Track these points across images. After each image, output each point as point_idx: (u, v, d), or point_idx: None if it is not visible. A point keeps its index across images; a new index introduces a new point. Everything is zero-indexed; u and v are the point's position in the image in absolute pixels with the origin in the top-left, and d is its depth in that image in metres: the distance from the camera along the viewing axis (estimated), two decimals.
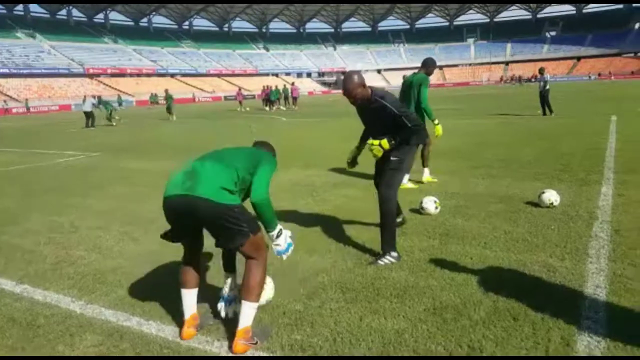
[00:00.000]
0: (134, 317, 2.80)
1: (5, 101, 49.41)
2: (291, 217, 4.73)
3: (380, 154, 3.40)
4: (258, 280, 2.46)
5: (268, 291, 2.83)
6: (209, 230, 2.46)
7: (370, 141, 3.44)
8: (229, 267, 2.77)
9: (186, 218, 2.40)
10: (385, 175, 3.50)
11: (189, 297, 2.60)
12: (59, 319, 2.84)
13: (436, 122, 5.60)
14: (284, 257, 2.59)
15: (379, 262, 3.36)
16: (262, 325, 2.57)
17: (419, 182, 6.00)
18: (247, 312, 2.42)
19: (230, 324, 2.60)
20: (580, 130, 10.61)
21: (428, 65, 5.64)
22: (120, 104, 24.16)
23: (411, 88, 5.62)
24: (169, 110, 24.24)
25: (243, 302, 2.43)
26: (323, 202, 5.35)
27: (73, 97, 53.96)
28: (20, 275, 3.57)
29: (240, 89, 35.64)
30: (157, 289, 3.11)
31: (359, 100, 3.37)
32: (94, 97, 24.01)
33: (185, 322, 2.55)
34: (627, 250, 3.34)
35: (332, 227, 4.33)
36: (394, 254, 3.40)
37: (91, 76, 66.33)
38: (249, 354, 2.35)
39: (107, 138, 15.61)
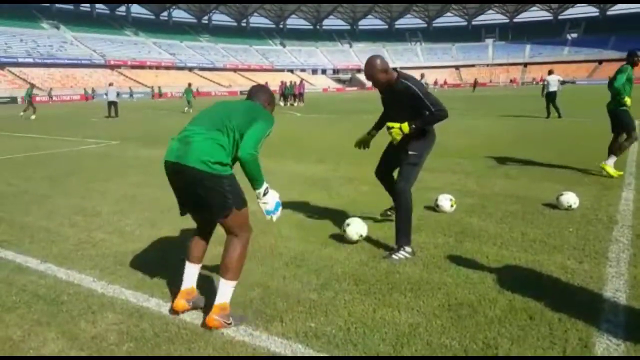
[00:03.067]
0: (153, 299, 2.87)
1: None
2: (305, 209, 4.77)
3: (399, 137, 3.39)
4: (236, 257, 2.47)
5: (361, 228, 3.59)
6: (197, 199, 2.47)
7: (390, 124, 3.41)
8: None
9: (178, 182, 2.49)
10: (402, 169, 3.53)
11: (189, 271, 2.66)
12: (82, 297, 2.92)
13: (626, 99, 6.01)
14: (273, 217, 2.59)
15: (393, 256, 3.37)
16: (241, 314, 2.59)
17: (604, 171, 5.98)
18: (224, 290, 2.47)
19: (240, 307, 2.66)
20: (600, 133, 10.40)
21: (632, 56, 6.09)
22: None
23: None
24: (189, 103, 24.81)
25: (221, 280, 2.48)
26: (338, 196, 5.37)
27: (94, 87, 54.77)
28: (45, 254, 3.67)
29: (266, 83, 34.94)
30: (176, 273, 3.14)
31: (382, 84, 3.37)
32: (111, 84, 24.30)
33: (180, 293, 2.62)
34: None
35: (346, 220, 4.34)
36: (408, 249, 3.41)
37: (112, 67, 67.23)
38: (262, 342, 2.38)
39: (128, 127, 15.85)
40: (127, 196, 5.57)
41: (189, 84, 26.35)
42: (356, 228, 3.67)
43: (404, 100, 3.36)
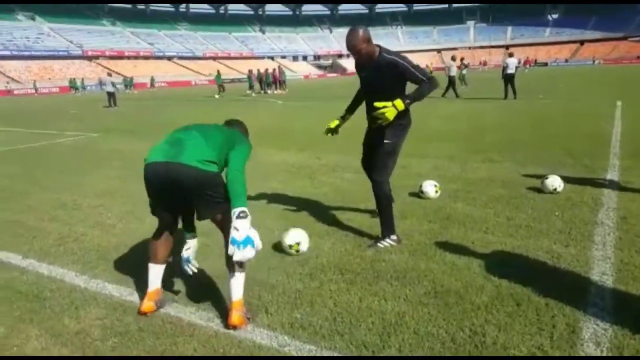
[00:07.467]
0: (137, 292, 2.82)
1: (7, 82, 49.17)
2: (289, 198, 4.72)
3: (392, 117, 3.00)
4: None
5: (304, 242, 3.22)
6: (189, 198, 2.39)
7: (379, 104, 3.02)
8: (189, 228, 2.69)
9: (167, 184, 2.36)
10: (378, 158, 3.34)
11: (155, 271, 2.61)
12: (64, 292, 2.88)
13: None
14: (236, 253, 2.17)
15: (379, 245, 3.34)
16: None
17: None
18: (238, 283, 2.43)
19: (224, 301, 2.61)
20: (584, 115, 10.53)
21: None
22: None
23: None
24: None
25: (234, 274, 2.41)
26: (321, 184, 5.32)
27: (74, 77, 53.24)
28: (26, 250, 3.60)
29: (250, 71, 31.40)
30: None
31: (364, 56, 3.13)
32: (109, 74, 25.37)
33: (147, 295, 2.57)
34: (634, 237, 3.30)
35: (331, 209, 4.31)
36: (394, 237, 3.38)
37: (90, 58, 65.73)
38: (247, 334, 2.34)
39: (109, 120, 15.52)
40: (108, 190, 5.46)
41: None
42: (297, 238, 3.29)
43: (387, 76, 3.11)
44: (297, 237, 3.27)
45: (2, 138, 11.21)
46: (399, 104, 2.99)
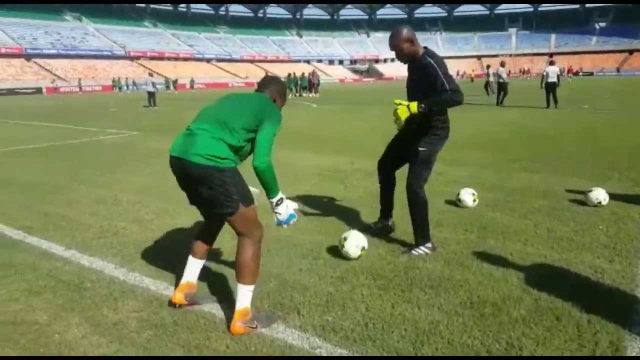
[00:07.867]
0: (172, 287, 2.87)
1: (53, 80, 51.60)
2: (321, 201, 4.72)
3: (404, 117, 3.00)
4: (250, 259, 2.38)
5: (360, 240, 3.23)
6: (201, 194, 2.37)
7: (397, 101, 3.05)
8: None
9: (182, 177, 2.43)
10: (413, 167, 3.30)
11: (191, 266, 2.64)
12: (104, 283, 2.97)
13: None
14: (284, 226, 2.53)
15: (413, 252, 3.29)
16: (267, 312, 2.55)
17: None
18: (242, 295, 2.39)
19: (257, 299, 2.62)
20: (631, 126, 10.07)
21: None
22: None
23: None
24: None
25: (238, 285, 2.40)
26: (355, 188, 5.30)
27: (118, 76, 55.22)
28: (68, 242, 3.74)
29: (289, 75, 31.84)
30: None
31: (406, 56, 3.13)
32: (151, 74, 26.27)
33: (179, 287, 2.61)
34: None
35: (364, 214, 4.27)
36: (429, 244, 3.32)
37: (132, 58, 68.08)
38: (279, 334, 2.35)
39: (149, 119, 16.03)
40: (146, 186, 5.63)
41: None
42: (355, 241, 3.25)
43: (422, 78, 3.08)
44: (351, 236, 3.27)
45: (48, 134, 11.75)
46: (413, 106, 2.98)
